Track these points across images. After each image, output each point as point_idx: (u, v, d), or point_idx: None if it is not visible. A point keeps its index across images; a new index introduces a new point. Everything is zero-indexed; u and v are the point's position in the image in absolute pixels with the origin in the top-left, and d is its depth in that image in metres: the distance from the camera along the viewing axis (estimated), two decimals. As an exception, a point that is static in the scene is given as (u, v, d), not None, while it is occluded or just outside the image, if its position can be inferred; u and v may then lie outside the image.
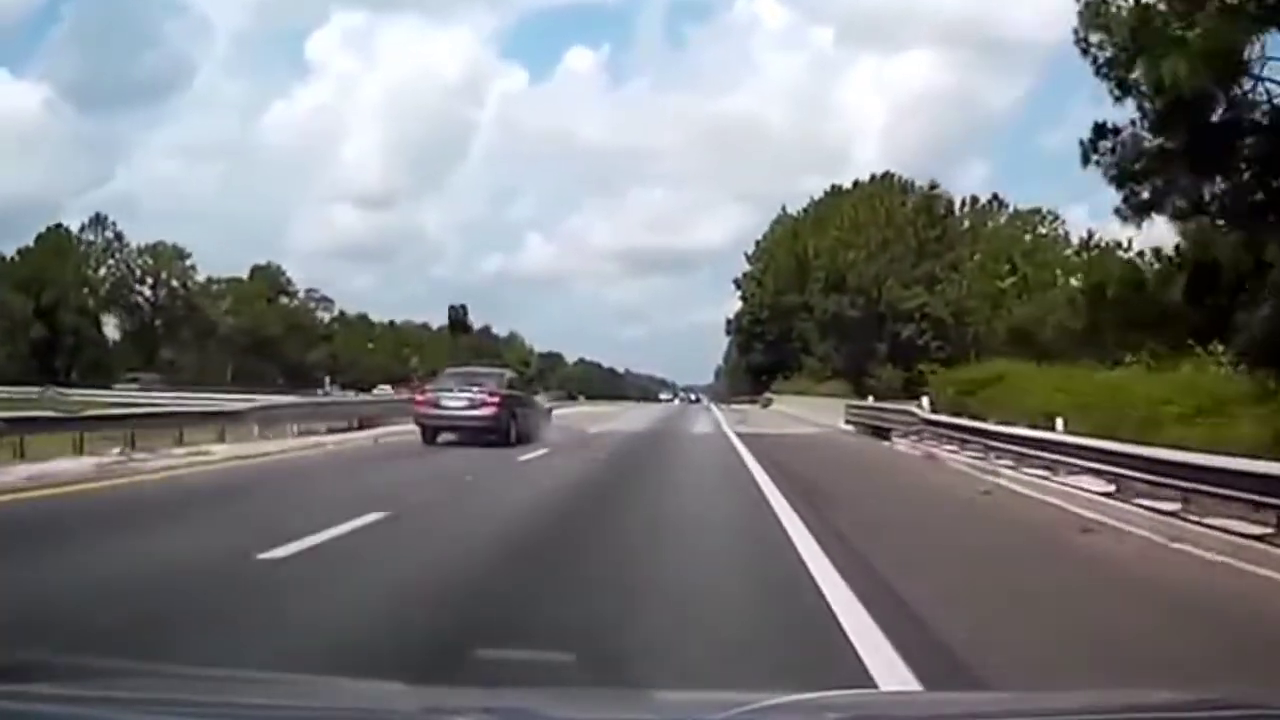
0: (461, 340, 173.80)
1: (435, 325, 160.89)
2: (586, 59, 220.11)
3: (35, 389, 46.89)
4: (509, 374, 27.51)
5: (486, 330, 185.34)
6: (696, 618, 7.24)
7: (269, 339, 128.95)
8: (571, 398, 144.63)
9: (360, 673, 5.11)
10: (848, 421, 35.04)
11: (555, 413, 35.27)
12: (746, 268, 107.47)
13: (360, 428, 30.02)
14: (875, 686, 5.30)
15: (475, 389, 23.65)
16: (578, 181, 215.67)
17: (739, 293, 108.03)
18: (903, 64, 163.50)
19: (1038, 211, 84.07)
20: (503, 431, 22.91)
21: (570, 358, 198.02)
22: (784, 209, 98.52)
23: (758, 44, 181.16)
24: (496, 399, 23.34)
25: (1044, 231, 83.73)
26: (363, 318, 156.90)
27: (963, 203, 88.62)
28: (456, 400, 23.45)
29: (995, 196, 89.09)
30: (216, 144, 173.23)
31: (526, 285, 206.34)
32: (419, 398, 24.82)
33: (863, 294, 79.62)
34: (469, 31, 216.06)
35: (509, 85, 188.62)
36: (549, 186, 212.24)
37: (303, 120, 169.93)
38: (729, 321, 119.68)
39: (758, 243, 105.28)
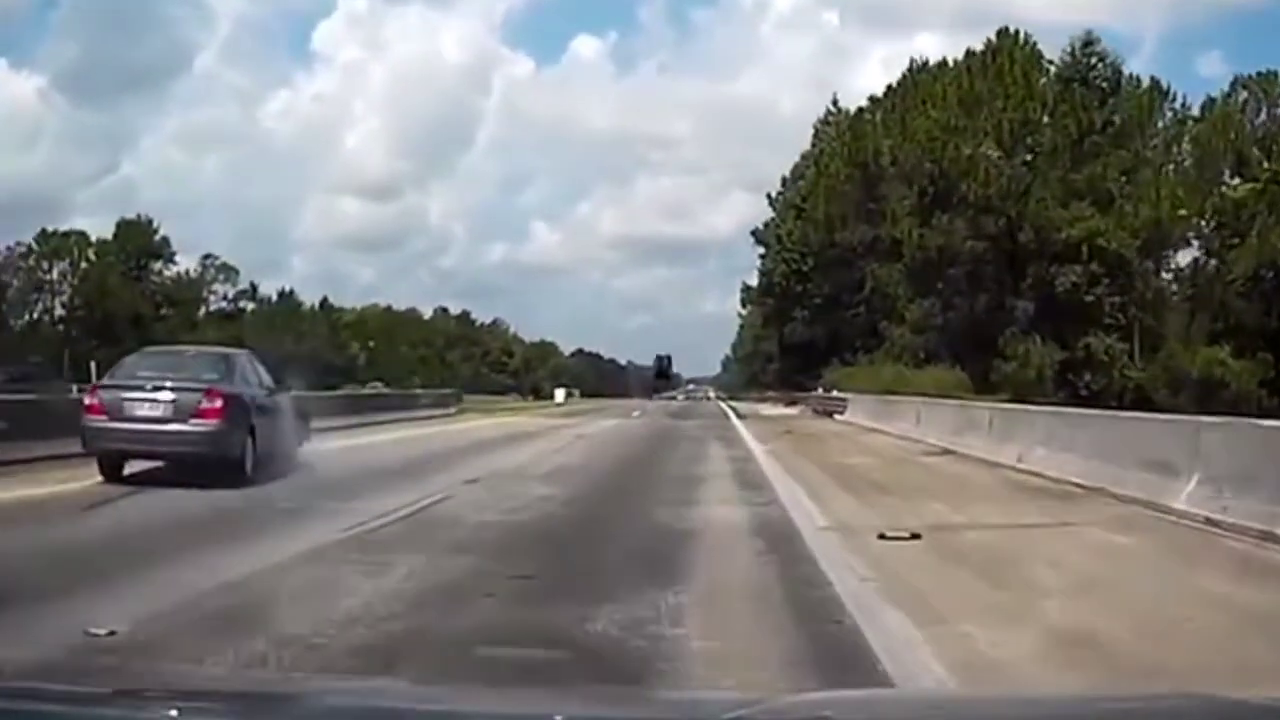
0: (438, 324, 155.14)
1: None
2: (593, 45, 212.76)
3: None
4: (242, 358, 16.22)
5: (466, 316, 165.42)
6: None
7: (138, 317, 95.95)
8: (569, 393, 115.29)
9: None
10: None
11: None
12: (766, 233, 74.86)
13: None
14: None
15: (181, 384, 14.25)
16: (584, 169, 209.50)
17: (761, 250, 74.91)
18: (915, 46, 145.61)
19: (1272, 77, 50.41)
20: (232, 458, 13.97)
21: (569, 348, 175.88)
22: (835, 101, 64.78)
23: (767, 27, 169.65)
24: (219, 401, 14.10)
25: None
26: (287, 295, 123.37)
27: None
28: (150, 405, 14.02)
29: (1155, 82, 54.94)
30: (219, 133, 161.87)
31: (530, 274, 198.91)
32: (89, 400, 14.70)
33: (990, 214, 46.23)
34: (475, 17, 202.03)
35: (515, 72, 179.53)
36: (555, 174, 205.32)
37: (307, 110, 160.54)
38: (747, 289, 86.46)
39: (783, 180, 72.02)
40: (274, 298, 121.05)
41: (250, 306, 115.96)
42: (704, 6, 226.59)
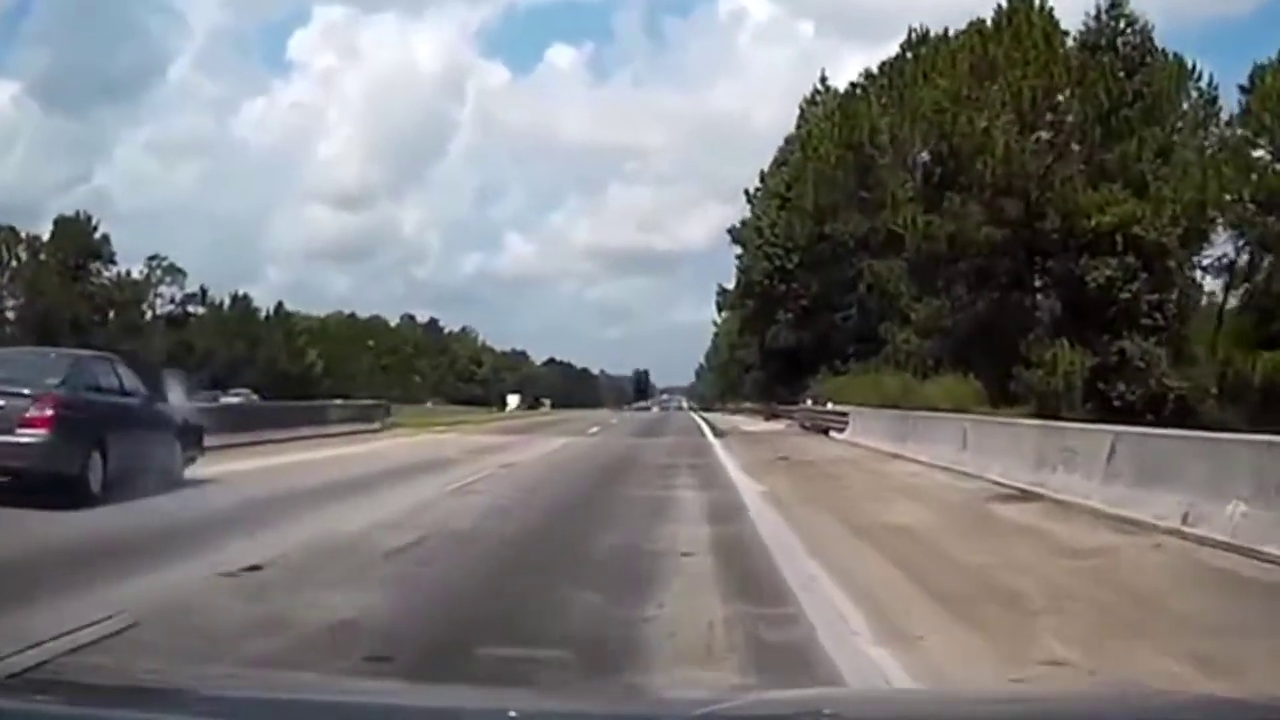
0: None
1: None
2: (568, 55, 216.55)
3: None
4: (98, 362, 14.55)
5: (433, 324, 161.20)
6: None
7: (76, 320, 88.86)
8: (536, 404, 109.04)
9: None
10: None
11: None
12: (744, 230, 68.06)
13: None
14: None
15: (11, 389, 12.45)
16: (558, 180, 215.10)
17: (739, 250, 68.21)
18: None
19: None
20: (68, 475, 12.12)
21: (541, 357, 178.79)
22: (823, 78, 58.59)
23: (742, 39, 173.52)
24: (49, 409, 12.36)
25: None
26: (240, 300, 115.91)
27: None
28: None
29: (1179, 59, 48.62)
30: (193, 142, 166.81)
31: (504, 284, 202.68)
32: None
33: (1009, 196, 39.97)
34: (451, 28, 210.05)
35: (490, 83, 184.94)
36: (530, 185, 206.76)
37: (282, 119, 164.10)
38: (723, 292, 79.52)
39: (761, 174, 65.58)
40: (226, 302, 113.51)
41: (200, 311, 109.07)
42: (679, 18, 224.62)
